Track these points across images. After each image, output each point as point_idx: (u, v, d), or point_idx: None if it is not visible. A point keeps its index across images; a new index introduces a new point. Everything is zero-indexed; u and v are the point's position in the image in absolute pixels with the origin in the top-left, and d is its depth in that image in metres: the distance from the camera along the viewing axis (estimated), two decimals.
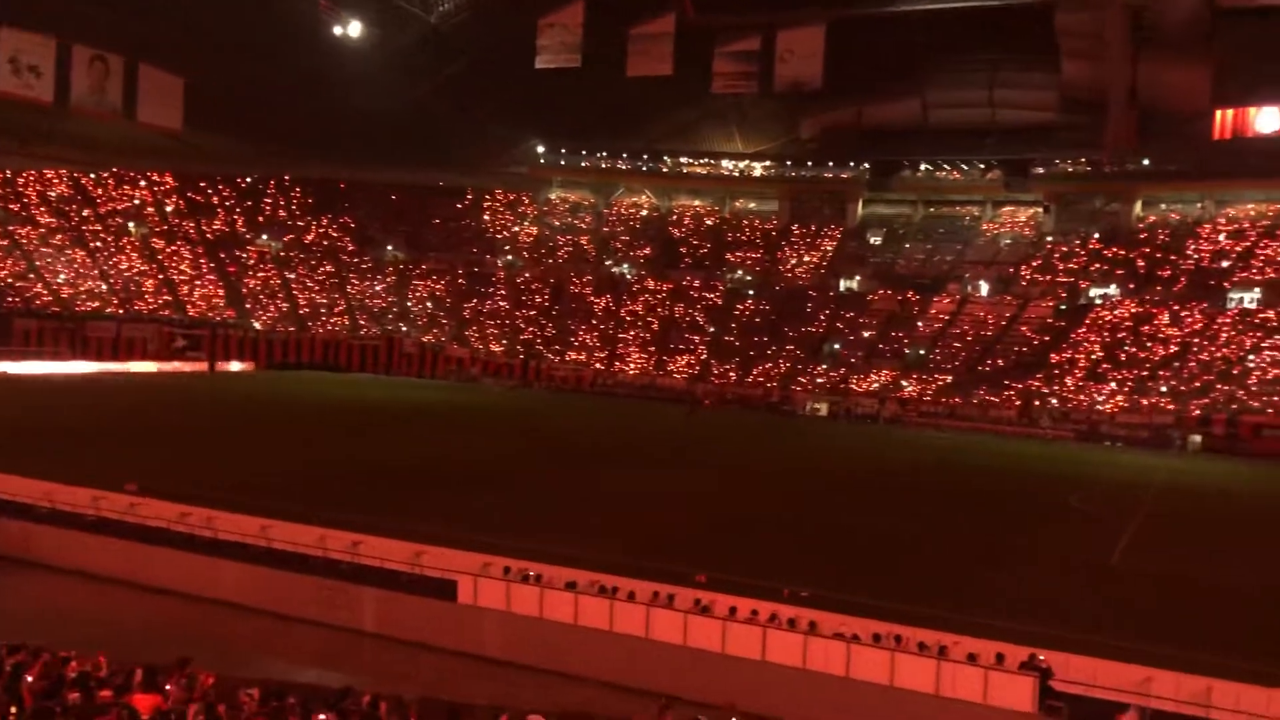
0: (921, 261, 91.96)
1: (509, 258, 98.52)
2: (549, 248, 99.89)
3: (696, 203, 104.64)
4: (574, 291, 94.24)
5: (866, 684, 17.52)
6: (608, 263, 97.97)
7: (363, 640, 20.17)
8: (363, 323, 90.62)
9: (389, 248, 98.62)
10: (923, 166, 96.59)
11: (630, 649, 18.83)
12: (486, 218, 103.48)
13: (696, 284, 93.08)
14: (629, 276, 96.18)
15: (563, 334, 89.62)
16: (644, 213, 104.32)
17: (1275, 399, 64.85)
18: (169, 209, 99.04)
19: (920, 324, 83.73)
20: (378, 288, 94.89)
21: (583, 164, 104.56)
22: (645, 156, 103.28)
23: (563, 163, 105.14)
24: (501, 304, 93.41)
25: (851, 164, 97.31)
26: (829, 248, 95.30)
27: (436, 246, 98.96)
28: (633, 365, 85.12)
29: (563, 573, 21.38)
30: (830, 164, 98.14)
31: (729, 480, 40.56)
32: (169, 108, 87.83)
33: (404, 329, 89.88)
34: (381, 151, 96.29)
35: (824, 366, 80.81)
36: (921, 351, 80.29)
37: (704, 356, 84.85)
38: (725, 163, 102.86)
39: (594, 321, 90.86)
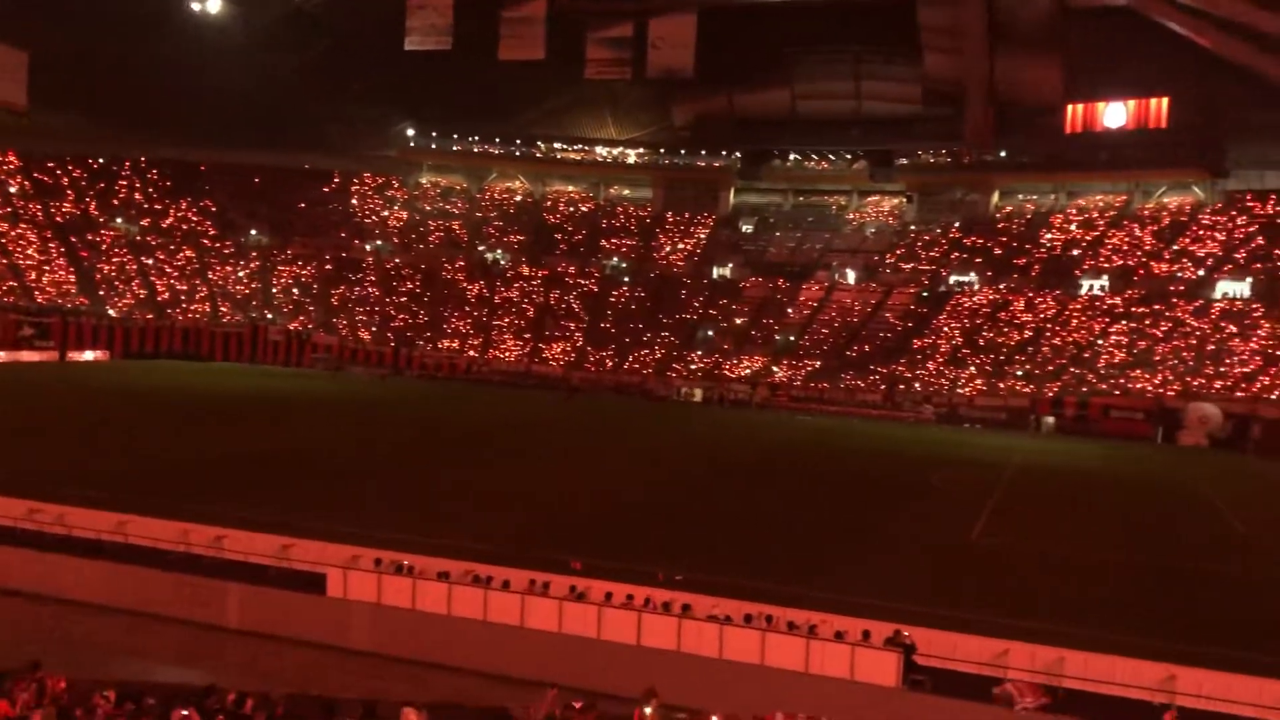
0: (791, 249, 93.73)
1: (378, 243, 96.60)
2: (420, 233, 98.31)
3: (571, 189, 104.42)
4: (446, 278, 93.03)
5: (739, 664, 17.80)
6: (481, 249, 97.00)
7: (227, 637, 19.54)
8: (225, 310, 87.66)
9: (252, 232, 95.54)
10: (792, 156, 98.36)
11: (505, 638, 18.73)
12: (355, 202, 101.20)
13: (572, 270, 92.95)
14: (503, 263, 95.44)
15: (435, 321, 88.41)
16: (518, 198, 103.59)
17: (1122, 381, 68.32)
18: (13, 190, 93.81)
19: (790, 311, 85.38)
20: (241, 274, 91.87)
21: (454, 148, 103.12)
22: (518, 141, 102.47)
23: (434, 146, 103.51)
24: (371, 290, 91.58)
25: (723, 152, 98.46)
26: (702, 235, 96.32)
27: (302, 231, 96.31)
28: (507, 352, 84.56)
29: (435, 563, 21.14)
30: (703, 152, 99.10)
31: (604, 466, 40.69)
32: (11, 83, 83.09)
33: (269, 316, 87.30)
34: (244, 133, 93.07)
35: (698, 353, 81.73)
36: (792, 338, 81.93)
37: (580, 343, 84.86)
38: (599, 149, 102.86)
39: (467, 308, 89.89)
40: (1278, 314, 69.22)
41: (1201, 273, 75.77)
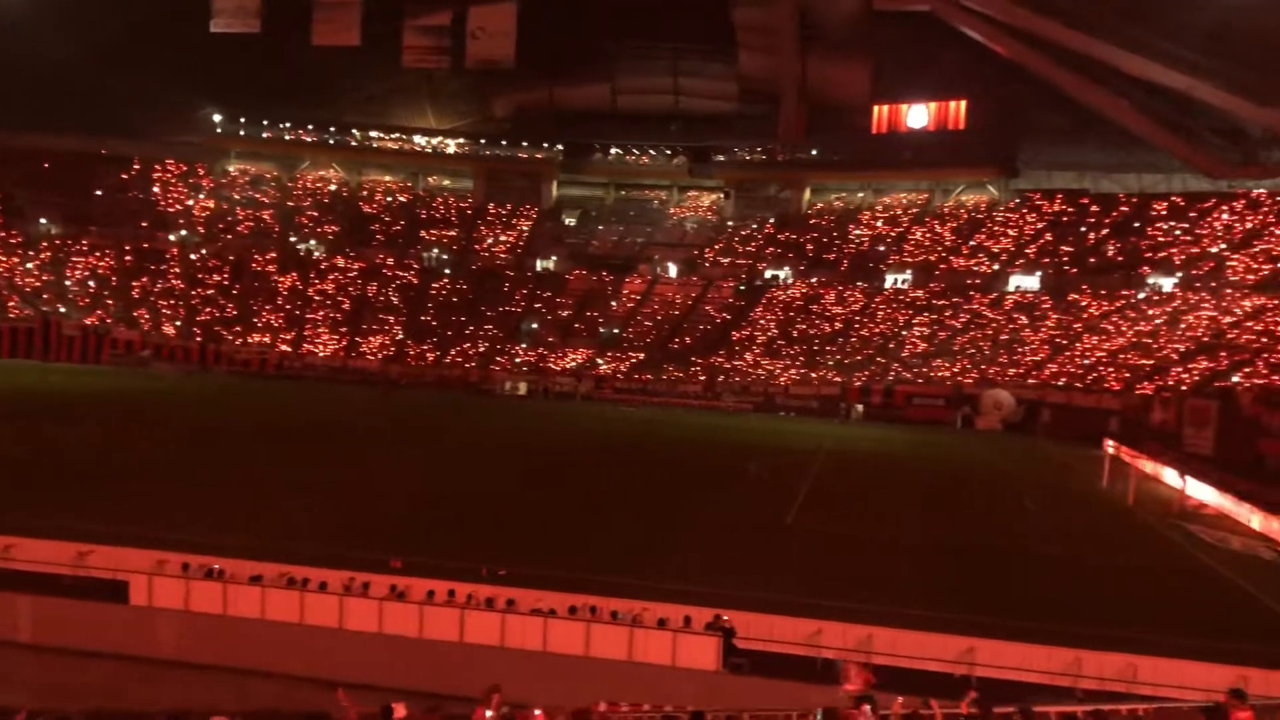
0: (614, 243, 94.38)
1: (183, 233, 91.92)
2: (228, 223, 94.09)
3: (388, 178, 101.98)
4: (256, 269, 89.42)
5: (563, 656, 17.89)
6: (293, 239, 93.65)
7: (20, 653, 18.28)
8: (13, 304, 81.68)
9: (42, 221, 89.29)
10: (613, 150, 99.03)
11: (323, 640, 18.23)
12: (156, 190, 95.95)
13: (390, 262, 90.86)
14: (317, 254, 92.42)
15: (245, 314, 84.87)
16: (332, 187, 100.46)
17: (924, 370, 71.89)
18: None
19: (614, 303, 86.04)
20: (30, 265, 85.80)
21: (264, 135, 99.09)
22: (333, 129, 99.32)
23: (242, 133, 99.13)
24: (175, 283, 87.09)
25: (545, 144, 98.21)
26: (525, 227, 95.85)
27: (99, 220, 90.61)
28: (322, 347, 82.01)
29: (247, 566, 20.39)
30: (525, 143, 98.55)
31: (425, 462, 40.06)
32: None
33: (63, 310, 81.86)
34: (32, 115, 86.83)
35: (522, 346, 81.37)
36: (615, 330, 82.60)
37: (399, 337, 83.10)
38: (418, 138, 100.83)
39: (279, 301, 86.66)
40: (1064, 306, 74.20)
41: (996, 267, 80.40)
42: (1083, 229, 79.98)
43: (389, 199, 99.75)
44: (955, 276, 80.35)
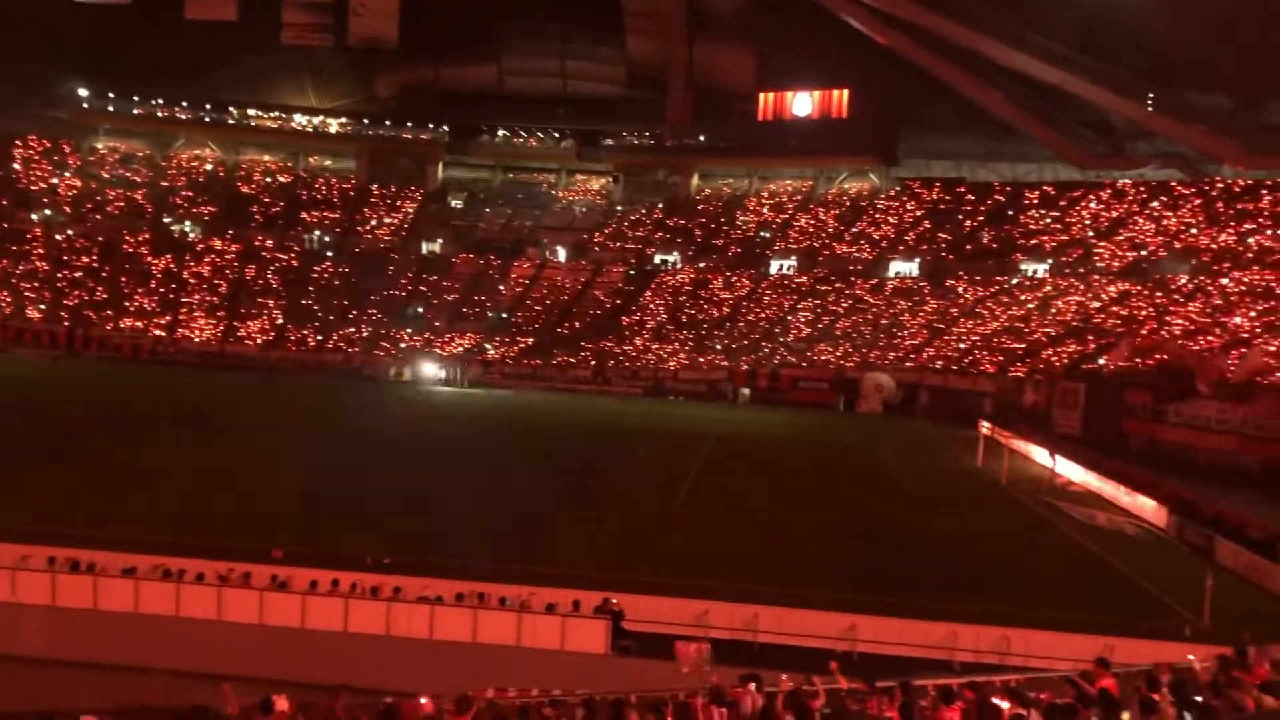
0: (502, 226, 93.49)
1: (47, 213, 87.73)
2: (97, 203, 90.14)
3: (267, 158, 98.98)
4: (128, 251, 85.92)
5: (451, 643, 17.72)
6: (167, 220, 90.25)
7: None
8: None
9: None
10: (501, 132, 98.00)
11: (200, 632, 17.68)
12: (17, 167, 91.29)
13: (269, 244, 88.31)
14: (192, 235, 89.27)
15: (116, 298, 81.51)
16: (208, 167, 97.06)
17: (809, 354, 73.21)
18: None
19: (502, 288, 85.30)
20: None
21: (135, 111, 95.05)
22: (208, 106, 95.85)
23: (111, 109, 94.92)
24: (39, 264, 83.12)
25: (431, 125, 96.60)
26: (410, 209, 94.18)
27: None
28: (198, 331, 79.35)
29: (120, 559, 19.63)
30: (409, 124, 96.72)
31: (307, 450, 39.15)
32: None
33: None
34: None
35: (408, 330, 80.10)
36: (503, 315, 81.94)
37: (279, 321, 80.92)
38: (298, 117, 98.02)
39: (153, 284, 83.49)
40: (942, 292, 76.38)
41: (877, 253, 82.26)
42: (959, 217, 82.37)
43: (268, 179, 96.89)
44: (838, 263, 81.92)
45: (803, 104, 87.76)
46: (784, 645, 18.36)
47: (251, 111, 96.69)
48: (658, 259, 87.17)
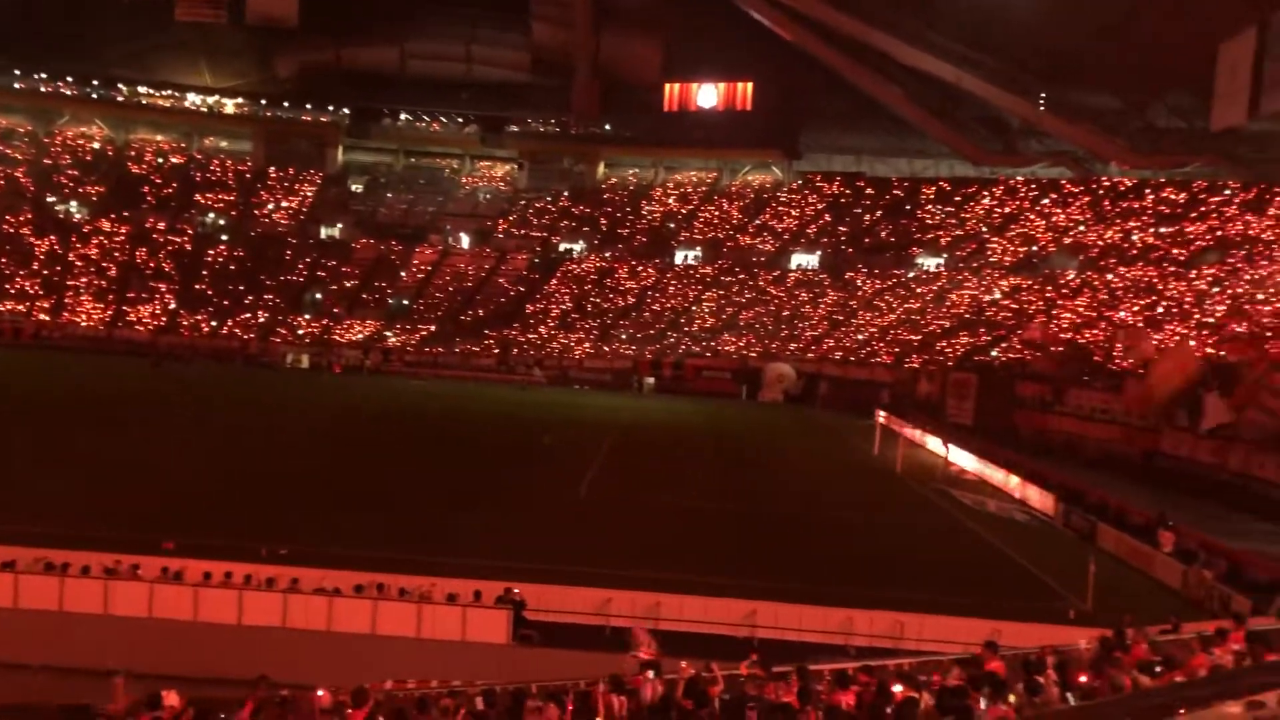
0: (404, 211, 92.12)
1: None
2: None
3: (159, 138, 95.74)
4: (9, 232, 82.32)
5: (350, 635, 17.47)
6: (51, 200, 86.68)
7: None
8: None
9: None
10: (403, 116, 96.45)
11: (87, 628, 17.09)
12: None
13: (161, 226, 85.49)
14: (79, 216, 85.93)
15: None
16: (95, 145, 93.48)
17: (712, 344, 73.88)
18: None
19: (404, 274, 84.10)
20: None
21: (16, 85, 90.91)
22: (95, 82, 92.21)
23: None
24: None
25: (331, 107, 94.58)
26: (309, 193, 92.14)
27: None
28: (85, 316, 76.51)
29: None
30: (309, 106, 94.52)
31: (201, 438, 38.10)
32: None
33: None
34: None
35: (306, 317, 78.46)
36: (405, 301, 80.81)
37: (171, 306, 78.49)
38: (192, 96, 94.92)
39: (35, 266, 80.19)
40: (842, 284, 77.76)
41: (779, 245, 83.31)
42: (859, 211, 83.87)
43: (160, 160, 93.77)
44: (742, 254, 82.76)
45: (708, 96, 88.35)
46: (685, 632, 18.52)
47: (143, 89, 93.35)
48: (563, 247, 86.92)
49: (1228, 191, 66.87)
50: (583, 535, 25.92)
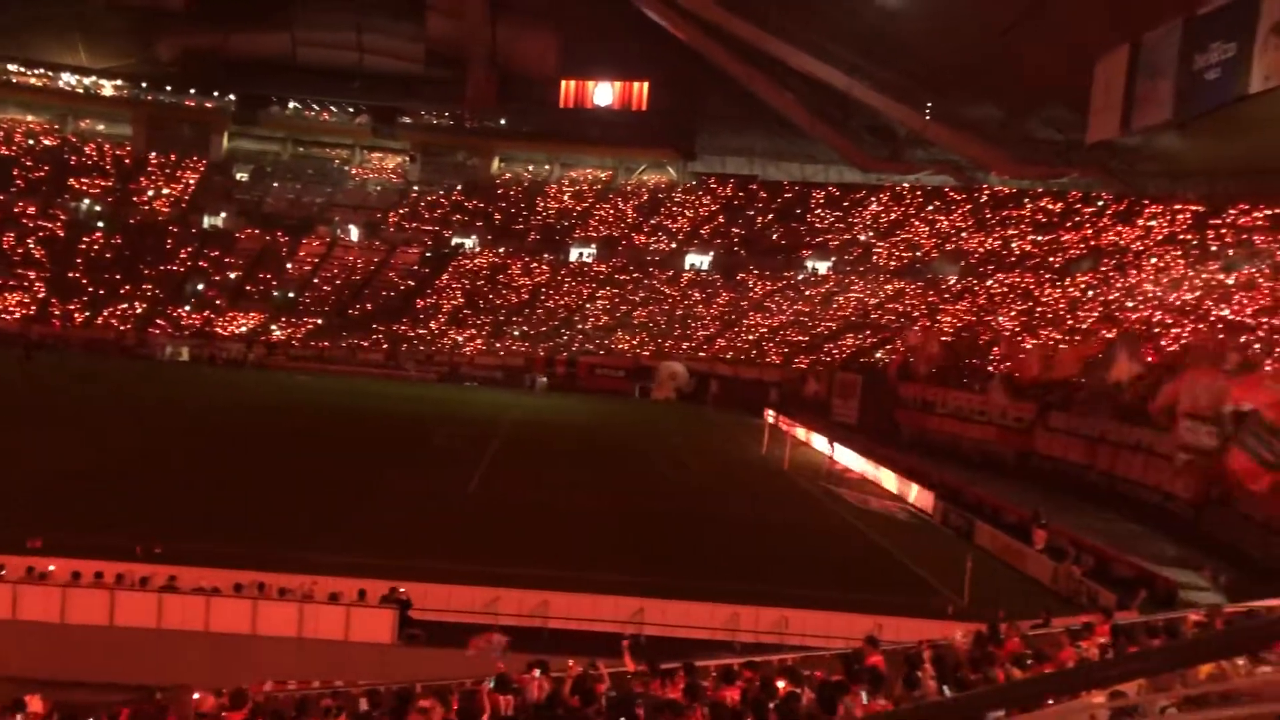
0: (291, 201, 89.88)
1: None
2: None
3: (30, 118, 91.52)
4: None
5: (229, 636, 17.00)
6: None
7: None
8: None
9: None
10: (291, 104, 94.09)
11: None
12: None
13: (31, 211, 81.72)
14: None
15: None
16: None
17: (606, 342, 74.02)
18: None
19: (290, 266, 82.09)
20: None
21: None
22: None
23: None
24: None
25: (216, 93, 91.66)
26: (191, 180, 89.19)
27: None
28: None
29: None
30: (192, 90, 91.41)
31: (72, 431, 36.57)
32: None
33: None
34: None
35: (186, 308, 75.95)
36: (290, 294, 78.89)
37: (42, 295, 75.12)
38: (66, 76, 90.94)
39: None
40: (734, 285, 78.68)
41: (674, 245, 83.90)
42: (751, 213, 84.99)
43: (31, 141, 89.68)
44: (636, 253, 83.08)
45: (604, 94, 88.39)
46: (574, 630, 18.52)
47: (12, 67, 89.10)
48: (455, 242, 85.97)
49: (1100, 202, 69.72)
50: (471, 533, 25.71)
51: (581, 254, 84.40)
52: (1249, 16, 32.71)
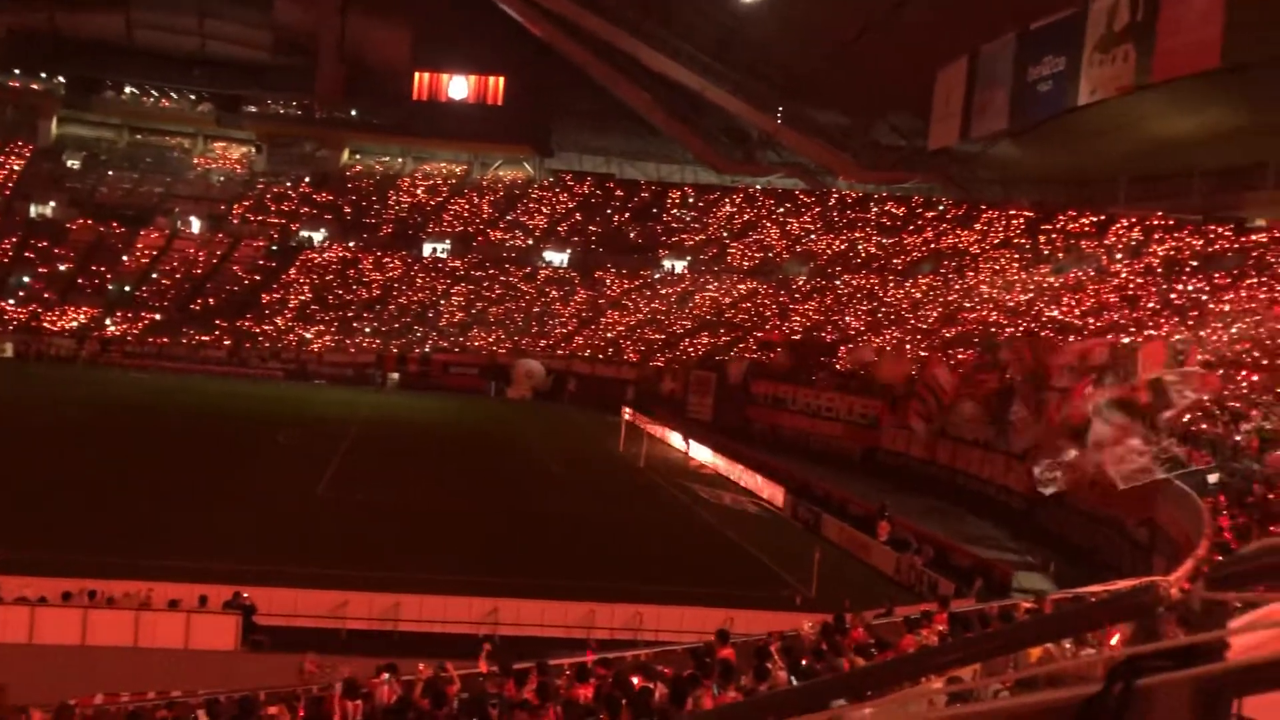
0: (127, 191, 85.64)
1: None
2: None
3: None
4: None
5: (56, 647, 16.08)
6: None
7: None
8: None
9: None
10: (128, 89, 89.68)
11: None
12: None
13: None
14: None
15: None
16: None
17: (461, 339, 73.10)
18: None
19: (126, 259, 78.22)
20: None
21: None
22: None
23: None
24: None
25: (44, 75, 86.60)
26: (17, 167, 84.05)
27: None
28: None
29: None
30: (17, 71, 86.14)
31: None
32: None
33: None
34: None
35: (11, 302, 71.54)
36: (127, 288, 75.21)
37: None
38: None
39: None
40: (591, 283, 78.81)
41: (531, 242, 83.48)
42: (609, 211, 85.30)
43: None
44: (492, 249, 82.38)
45: (459, 87, 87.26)
46: (426, 633, 18.23)
47: None
48: (303, 235, 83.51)
49: (941, 207, 72.57)
50: (320, 535, 25.03)
51: (436, 249, 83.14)
52: (1077, 32, 34.58)
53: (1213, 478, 21.25)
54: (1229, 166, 51.15)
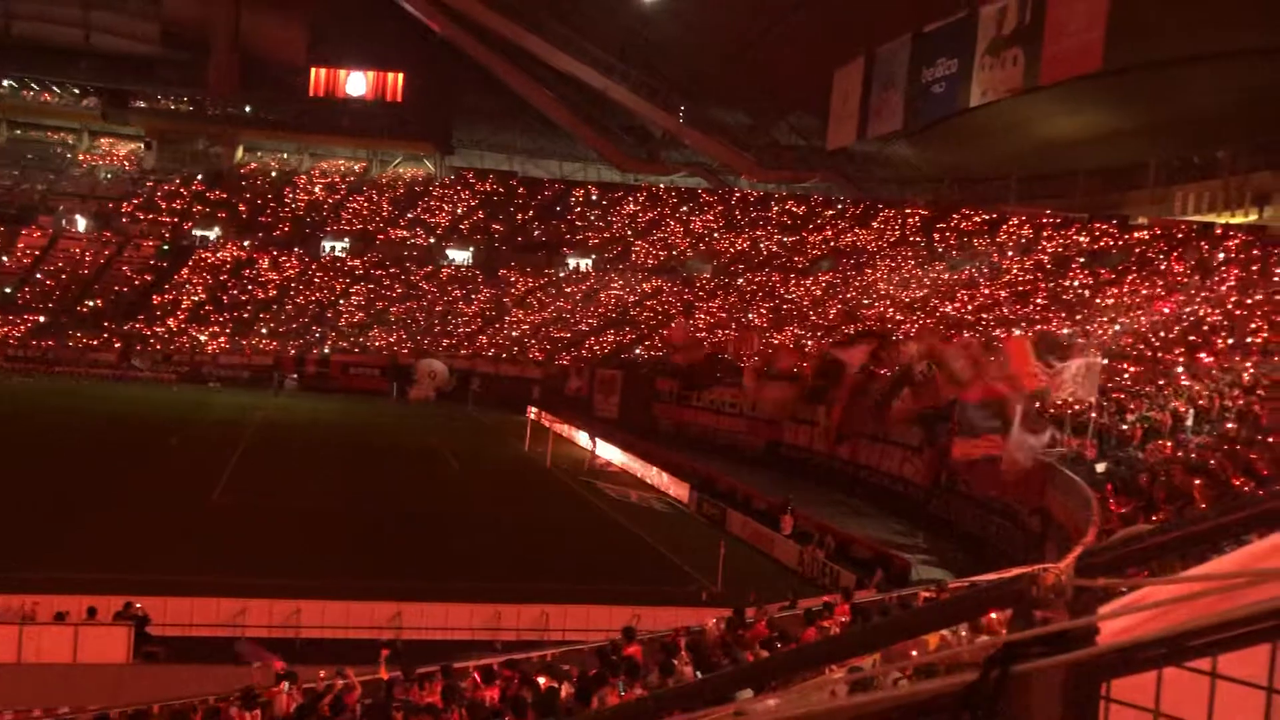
0: (8, 189, 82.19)
1: None
2: None
3: None
4: None
5: None
6: None
7: None
8: None
9: None
10: (7, 82, 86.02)
11: None
12: None
13: None
14: None
15: None
16: None
17: (361, 340, 71.88)
18: None
19: (6, 259, 75.03)
20: None
21: None
22: None
23: None
24: None
25: None
26: None
27: None
28: None
29: None
30: None
31: None
32: None
33: None
34: None
35: None
36: (8, 290, 72.19)
37: None
38: None
39: None
40: (495, 281, 78.22)
41: (433, 240, 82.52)
42: (512, 209, 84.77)
43: None
44: (393, 247, 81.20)
45: (357, 84, 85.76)
46: (328, 639, 17.89)
47: None
48: (196, 234, 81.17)
49: (840, 206, 73.92)
50: (216, 542, 24.34)
51: (334, 248, 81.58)
52: (969, 35, 35.48)
53: (1100, 467, 22.02)
54: (1112, 166, 53.19)
